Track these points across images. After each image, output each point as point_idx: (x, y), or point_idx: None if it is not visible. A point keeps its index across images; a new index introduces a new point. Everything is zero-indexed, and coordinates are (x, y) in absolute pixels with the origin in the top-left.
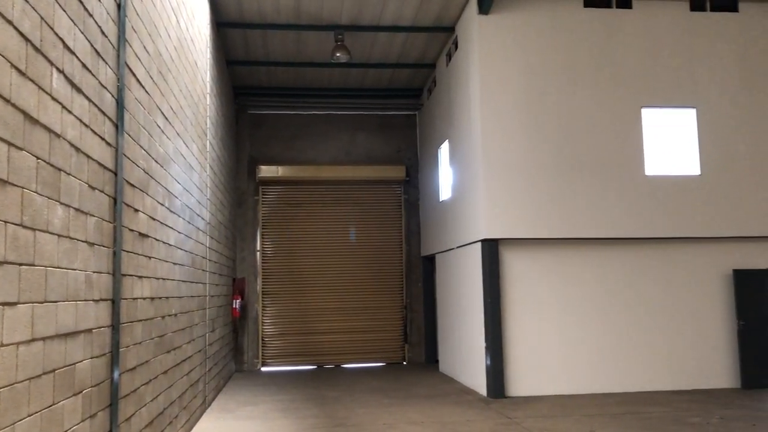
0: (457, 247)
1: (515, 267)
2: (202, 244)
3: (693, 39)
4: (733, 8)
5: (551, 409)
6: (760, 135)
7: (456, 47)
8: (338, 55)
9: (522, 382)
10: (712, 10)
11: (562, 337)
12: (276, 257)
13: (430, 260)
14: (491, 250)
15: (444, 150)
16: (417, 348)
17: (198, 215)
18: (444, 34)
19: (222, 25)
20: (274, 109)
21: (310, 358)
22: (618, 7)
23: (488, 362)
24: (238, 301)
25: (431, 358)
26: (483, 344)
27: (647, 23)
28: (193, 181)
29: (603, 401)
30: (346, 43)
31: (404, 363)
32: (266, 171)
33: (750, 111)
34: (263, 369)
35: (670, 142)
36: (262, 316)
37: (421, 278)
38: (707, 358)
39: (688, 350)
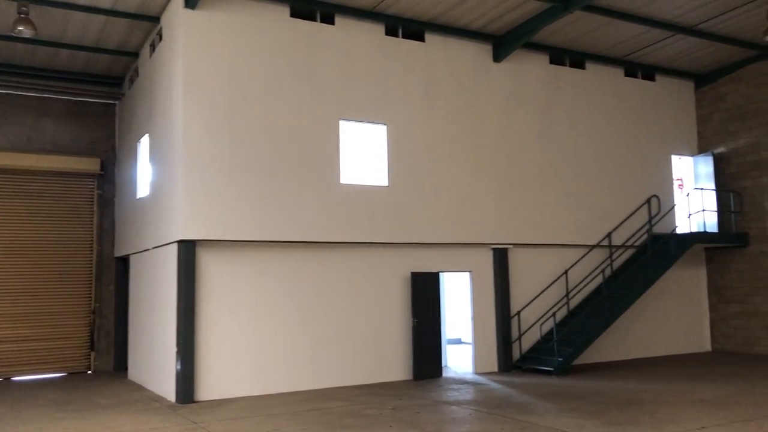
0: (153, 248)
1: (212, 269)
2: None
3: (386, 61)
4: (421, 38)
5: (239, 411)
6: (437, 154)
7: (161, 38)
8: (21, 28)
9: (214, 385)
10: (404, 37)
11: (256, 339)
12: None
13: (125, 261)
14: (188, 251)
15: (144, 144)
16: (105, 355)
17: None
18: (148, 23)
19: None
20: None
21: None
22: (322, 21)
23: (179, 367)
24: None
25: (121, 366)
26: (174, 349)
27: (347, 41)
28: None
29: (290, 400)
30: (32, 17)
31: (89, 372)
32: None
33: (431, 132)
34: None
35: (365, 153)
36: None
37: (113, 281)
38: (386, 354)
39: (371, 347)
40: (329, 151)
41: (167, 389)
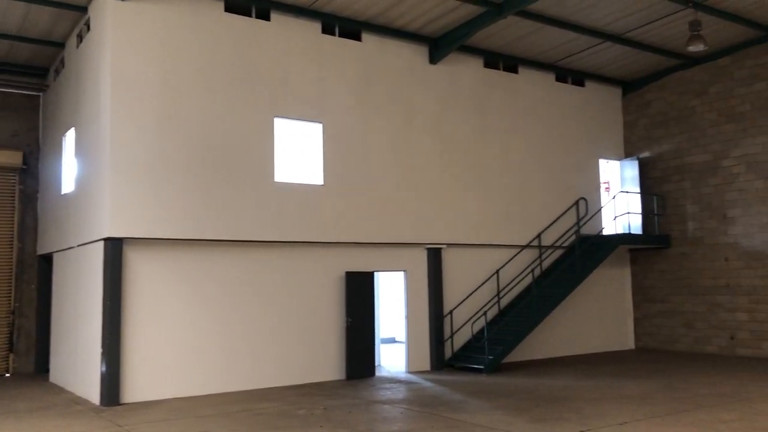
0: (78, 246)
1: (140, 268)
2: None
3: (322, 59)
4: (358, 38)
5: (167, 413)
6: (373, 153)
7: (89, 29)
8: None
9: (141, 387)
10: (340, 36)
11: (185, 340)
12: None
13: (48, 260)
14: (114, 249)
15: (70, 138)
16: (25, 357)
17: None
18: (75, 12)
19: None
20: None
21: None
22: (257, 17)
23: (104, 369)
24: None
25: (42, 368)
26: (99, 350)
27: (283, 38)
28: None
29: (220, 401)
30: None
31: (8, 375)
32: None
33: (367, 131)
34: None
35: (300, 152)
36: None
37: (35, 280)
38: (319, 354)
39: (304, 347)
40: (263, 148)
41: (91, 391)
